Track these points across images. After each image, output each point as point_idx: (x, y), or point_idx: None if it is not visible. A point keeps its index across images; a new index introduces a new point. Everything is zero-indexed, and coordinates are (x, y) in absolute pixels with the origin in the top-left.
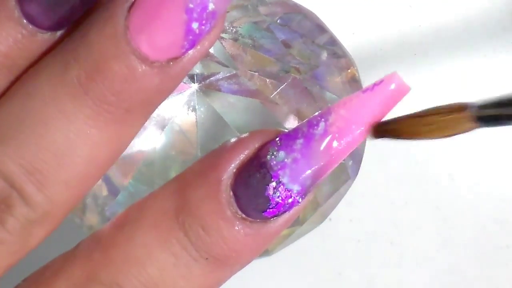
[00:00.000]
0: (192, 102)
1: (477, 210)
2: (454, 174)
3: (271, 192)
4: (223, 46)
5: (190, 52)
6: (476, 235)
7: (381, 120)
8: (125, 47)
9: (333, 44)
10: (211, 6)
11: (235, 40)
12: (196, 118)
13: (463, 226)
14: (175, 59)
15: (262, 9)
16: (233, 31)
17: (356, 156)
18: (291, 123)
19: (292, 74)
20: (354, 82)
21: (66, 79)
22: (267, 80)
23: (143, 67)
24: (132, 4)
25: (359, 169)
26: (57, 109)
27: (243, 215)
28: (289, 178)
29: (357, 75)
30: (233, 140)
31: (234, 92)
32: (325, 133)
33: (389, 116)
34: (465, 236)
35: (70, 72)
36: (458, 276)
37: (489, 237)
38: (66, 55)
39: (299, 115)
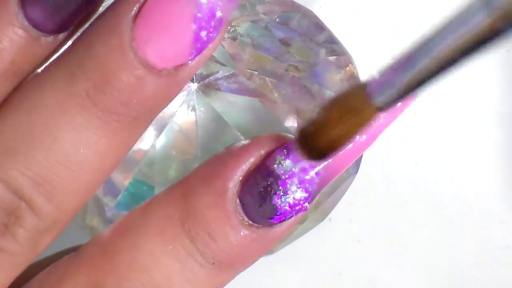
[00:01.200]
0: (192, 102)
1: (477, 210)
2: (454, 174)
3: (278, 200)
4: (222, 45)
5: (196, 57)
6: (476, 235)
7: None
8: (132, 58)
9: (331, 42)
10: (218, 14)
11: (234, 39)
12: (196, 118)
13: (463, 226)
14: (181, 65)
15: (260, 8)
16: (231, 30)
17: None
18: (291, 122)
19: (291, 73)
20: (353, 80)
21: (74, 91)
22: (266, 79)
23: (151, 76)
24: (137, 14)
25: (359, 166)
26: (66, 121)
27: (250, 222)
28: (296, 186)
29: (355, 72)
30: (237, 146)
31: (233, 91)
32: None
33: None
34: (465, 236)
35: (77, 84)
36: (458, 276)
37: (489, 237)
38: (72, 67)
39: (298, 114)
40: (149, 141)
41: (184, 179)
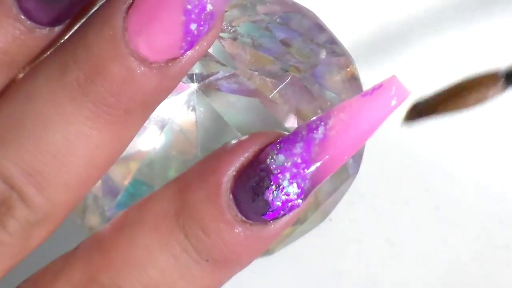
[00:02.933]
0: (192, 102)
1: (477, 210)
2: (454, 174)
3: (270, 195)
4: (222, 45)
5: (189, 53)
6: (476, 235)
7: (415, 102)
8: (123, 49)
9: (332, 42)
10: (209, 7)
11: (234, 39)
12: (196, 118)
13: (463, 226)
14: (173, 60)
15: (260, 8)
16: (232, 30)
17: (356, 154)
18: (291, 122)
19: (292, 73)
20: (353, 81)
21: (65, 81)
22: (267, 79)
23: (142, 68)
24: (130, 6)
25: (359, 167)
26: (57, 111)
27: (243, 218)
28: (288, 182)
29: (356, 73)
30: (233, 142)
31: (233, 92)
32: (324, 137)
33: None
34: (465, 236)
35: (69, 74)
36: (458, 276)
37: (489, 237)
38: (65, 57)
39: (298, 114)
40: (149, 141)
41: (180, 175)
